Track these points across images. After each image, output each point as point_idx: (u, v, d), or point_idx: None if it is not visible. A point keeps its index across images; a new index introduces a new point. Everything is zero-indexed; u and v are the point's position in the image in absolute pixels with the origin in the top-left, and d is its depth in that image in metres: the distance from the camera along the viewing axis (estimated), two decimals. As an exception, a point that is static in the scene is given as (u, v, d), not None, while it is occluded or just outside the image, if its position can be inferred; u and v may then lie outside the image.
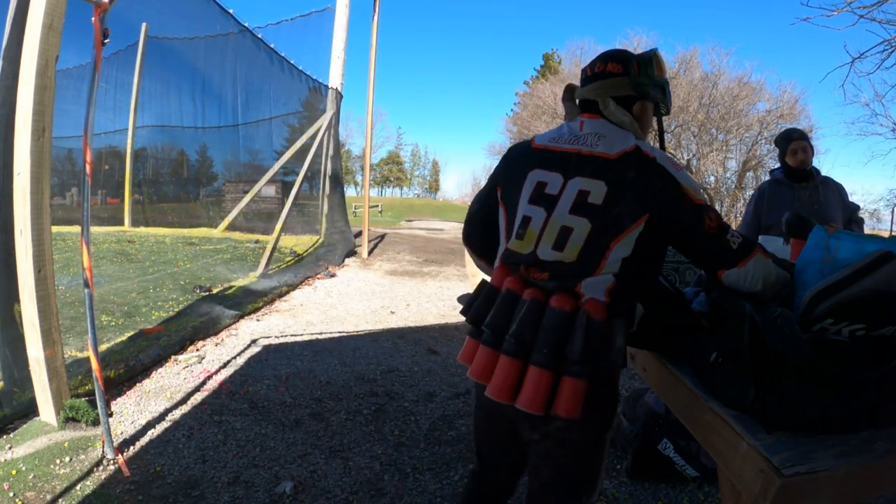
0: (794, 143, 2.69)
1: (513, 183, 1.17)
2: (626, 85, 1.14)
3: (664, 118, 1.33)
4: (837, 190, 2.68)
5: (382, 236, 12.99)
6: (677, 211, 1.01)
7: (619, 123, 1.12)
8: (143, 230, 9.28)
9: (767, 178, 2.99)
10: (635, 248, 1.02)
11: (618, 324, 1.00)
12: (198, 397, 2.90)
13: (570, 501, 1.14)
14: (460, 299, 1.30)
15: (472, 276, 5.16)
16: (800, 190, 2.69)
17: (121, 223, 9.49)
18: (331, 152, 9.18)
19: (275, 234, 6.99)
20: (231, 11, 7.34)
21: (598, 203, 1.03)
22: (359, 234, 9.95)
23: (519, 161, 1.19)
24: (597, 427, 1.09)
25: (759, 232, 2.71)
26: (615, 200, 1.02)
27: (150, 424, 2.54)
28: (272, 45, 8.23)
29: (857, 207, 2.67)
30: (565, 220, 1.06)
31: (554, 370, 0.99)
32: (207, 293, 5.05)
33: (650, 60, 1.17)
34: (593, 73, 1.18)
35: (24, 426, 2.40)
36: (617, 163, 1.05)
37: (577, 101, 1.20)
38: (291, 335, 4.21)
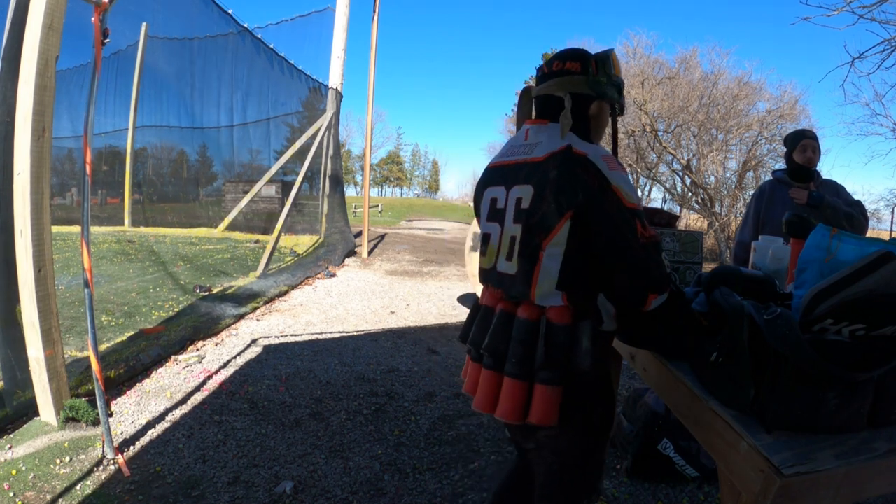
0: (805, 140, 2.69)
1: (479, 204, 1.23)
2: (584, 83, 1.11)
3: (620, 119, 1.28)
4: (835, 190, 2.69)
5: (382, 236, 12.99)
6: (603, 208, 0.96)
7: (569, 123, 1.09)
8: (143, 230, 9.27)
9: (769, 178, 2.99)
10: (570, 252, 0.99)
11: (583, 327, 1.00)
12: (198, 397, 2.90)
13: (569, 502, 1.16)
14: (461, 300, 1.33)
15: (472, 276, 5.17)
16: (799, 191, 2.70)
17: (121, 223, 9.49)
18: (331, 152, 9.18)
19: (275, 234, 6.99)
20: (230, 12, 7.33)
21: (527, 207, 1.03)
22: (359, 234, 9.96)
23: (480, 183, 1.24)
24: (585, 432, 1.09)
25: (759, 231, 2.71)
26: (539, 201, 1.01)
27: (150, 424, 2.54)
28: (272, 46, 8.23)
29: (855, 202, 2.66)
30: (511, 230, 1.07)
31: (526, 379, 1.02)
32: (207, 293, 5.05)
33: (608, 59, 1.15)
34: (551, 70, 1.15)
35: (25, 426, 2.40)
36: (543, 164, 1.03)
37: (534, 98, 1.18)
38: (291, 335, 4.21)
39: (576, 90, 1.11)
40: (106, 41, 2.20)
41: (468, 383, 1.16)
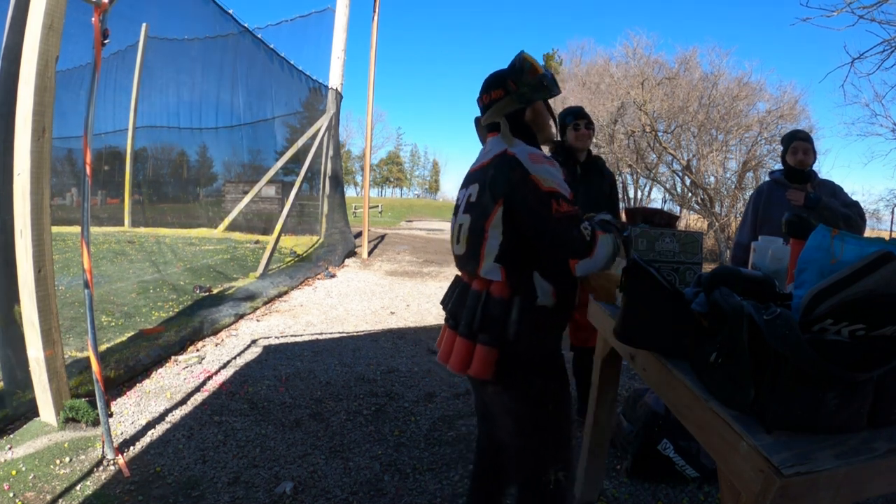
0: (796, 142, 2.69)
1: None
2: (512, 102, 1.30)
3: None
4: (832, 191, 2.68)
5: (382, 237, 12.99)
6: (523, 195, 1.17)
7: (510, 140, 1.30)
8: (143, 230, 9.27)
9: (767, 178, 2.98)
10: (507, 233, 1.20)
11: (516, 301, 1.19)
12: (198, 397, 2.89)
13: (532, 470, 1.27)
14: None
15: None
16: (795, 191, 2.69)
17: (121, 223, 9.48)
18: (331, 153, 9.18)
19: (275, 235, 6.98)
20: (231, 12, 7.33)
21: (475, 200, 1.28)
22: (359, 234, 9.96)
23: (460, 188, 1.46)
24: (527, 394, 1.25)
25: (757, 232, 2.71)
26: (482, 194, 1.25)
27: (150, 425, 2.54)
28: (272, 46, 8.23)
29: (853, 203, 2.65)
30: (459, 220, 1.33)
31: (471, 339, 1.24)
32: (207, 293, 5.05)
33: (521, 70, 1.30)
34: (484, 104, 1.37)
35: (25, 426, 2.40)
36: (487, 166, 1.28)
37: (485, 127, 1.40)
38: (291, 335, 4.21)
39: (507, 110, 1.31)
40: (106, 42, 2.20)
41: (439, 340, 1.40)
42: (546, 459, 1.27)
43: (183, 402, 2.82)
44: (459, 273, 1.40)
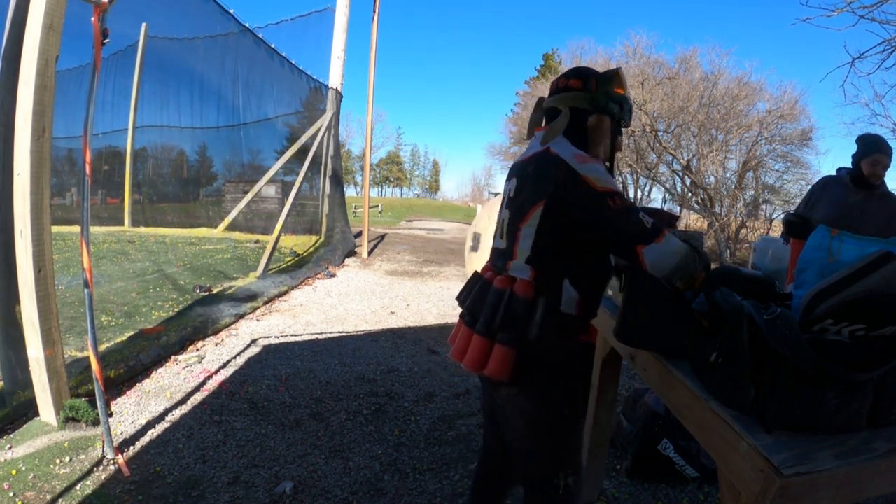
0: (878, 154, 2.58)
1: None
2: (582, 99, 1.26)
3: (625, 130, 1.43)
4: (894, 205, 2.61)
5: (382, 236, 12.99)
6: (574, 196, 1.12)
7: (556, 130, 1.25)
8: (143, 230, 9.28)
9: (835, 172, 2.84)
10: (542, 233, 1.16)
11: (540, 302, 1.16)
12: (198, 397, 2.90)
13: (543, 474, 1.25)
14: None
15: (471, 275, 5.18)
16: (853, 194, 2.62)
17: (121, 223, 9.49)
18: (331, 152, 9.18)
19: (275, 234, 6.98)
20: (232, 11, 7.33)
21: (513, 196, 1.26)
22: (359, 234, 9.96)
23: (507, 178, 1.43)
24: (544, 397, 1.22)
25: None
26: (519, 191, 1.23)
27: (150, 424, 2.54)
28: (272, 45, 8.22)
29: None
30: (503, 214, 1.31)
31: (489, 338, 1.20)
32: (207, 293, 5.05)
33: (610, 79, 1.28)
34: (558, 87, 1.31)
35: (24, 426, 2.40)
36: (527, 162, 1.25)
37: (544, 109, 1.35)
38: (291, 335, 4.21)
39: (574, 105, 1.26)
40: (105, 41, 2.19)
41: (452, 335, 1.36)
42: (558, 463, 1.24)
43: (183, 401, 2.83)
44: (479, 270, 1.37)
